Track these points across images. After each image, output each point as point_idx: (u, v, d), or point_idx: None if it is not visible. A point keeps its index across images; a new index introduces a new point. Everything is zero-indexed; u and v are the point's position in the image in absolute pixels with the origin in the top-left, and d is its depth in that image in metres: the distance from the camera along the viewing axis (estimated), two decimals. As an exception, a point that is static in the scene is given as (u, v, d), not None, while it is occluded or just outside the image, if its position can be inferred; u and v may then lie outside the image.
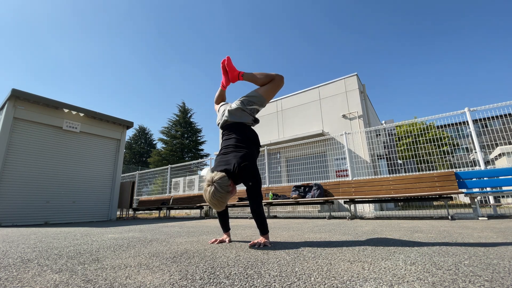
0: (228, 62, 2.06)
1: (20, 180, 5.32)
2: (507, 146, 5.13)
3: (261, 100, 1.97)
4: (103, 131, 6.88)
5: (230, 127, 1.97)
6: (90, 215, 6.31)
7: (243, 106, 1.96)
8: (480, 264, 1.09)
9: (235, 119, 1.96)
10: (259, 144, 2.03)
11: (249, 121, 2.00)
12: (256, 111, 2.02)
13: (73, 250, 1.71)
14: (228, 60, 2.06)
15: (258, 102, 1.97)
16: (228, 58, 2.07)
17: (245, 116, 1.97)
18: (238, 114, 1.96)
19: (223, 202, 1.64)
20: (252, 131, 2.00)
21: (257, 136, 2.01)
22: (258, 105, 1.98)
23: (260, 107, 2.01)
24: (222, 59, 2.12)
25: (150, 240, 2.18)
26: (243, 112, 1.96)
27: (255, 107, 1.98)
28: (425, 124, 8.23)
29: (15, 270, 1.19)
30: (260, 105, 1.99)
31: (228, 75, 2.10)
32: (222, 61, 2.10)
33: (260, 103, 1.98)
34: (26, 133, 5.55)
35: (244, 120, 1.97)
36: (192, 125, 27.23)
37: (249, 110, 1.97)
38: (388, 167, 7.33)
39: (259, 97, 1.96)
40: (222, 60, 2.10)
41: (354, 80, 9.52)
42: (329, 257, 1.31)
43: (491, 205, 4.53)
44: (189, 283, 0.94)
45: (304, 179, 7.08)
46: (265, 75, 1.96)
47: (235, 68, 2.06)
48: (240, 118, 1.96)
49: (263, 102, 1.98)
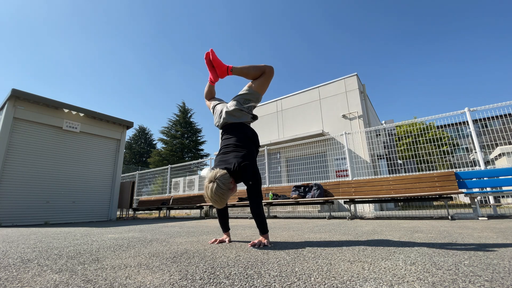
0: (213, 56, 1.96)
1: (20, 180, 5.32)
2: (507, 146, 5.13)
3: (256, 96, 1.96)
4: (103, 131, 6.88)
5: (230, 127, 1.98)
6: (90, 215, 6.31)
7: (240, 106, 1.95)
8: (480, 264, 1.09)
9: (234, 119, 1.97)
10: (259, 143, 2.03)
11: (248, 119, 2.00)
12: (253, 107, 2.02)
13: (73, 250, 1.71)
14: (212, 54, 1.96)
15: (253, 98, 1.97)
16: (211, 52, 1.96)
17: (244, 116, 1.97)
18: (237, 115, 1.96)
19: (224, 199, 1.64)
20: (252, 130, 2.00)
21: (256, 135, 2.01)
22: (254, 102, 1.98)
23: (256, 103, 2.01)
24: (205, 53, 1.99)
25: (150, 240, 2.18)
26: (241, 112, 1.96)
27: (252, 104, 1.98)
28: (425, 124, 8.23)
29: (15, 270, 1.19)
30: (256, 101, 1.99)
31: (215, 70, 2.02)
32: (206, 54, 1.98)
33: (256, 99, 1.97)
34: (26, 133, 5.55)
35: (243, 119, 1.97)
36: (192, 125, 27.22)
37: (246, 108, 1.97)
38: (388, 167, 7.33)
39: (254, 94, 1.95)
40: (206, 54, 1.98)
41: (354, 80, 9.52)
42: (329, 257, 1.31)
43: (491, 205, 4.53)
44: (189, 283, 0.94)
45: (304, 179, 7.08)
46: (255, 67, 1.92)
47: (222, 62, 1.97)
48: (239, 118, 1.97)
49: (258, 97, 1.97)
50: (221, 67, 1.97)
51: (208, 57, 1.99)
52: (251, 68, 1.92)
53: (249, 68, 1.92)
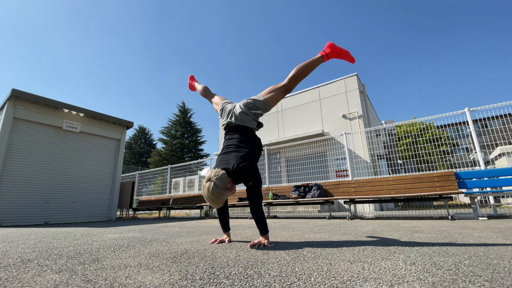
0: (337, 48, 2.00)
1: (20, 180, 5.32)
2: (507, 146, 5.13)
3: (266, 106, 1.97)
4: (103, 131, 6.87)
5: (233, 128, 1.98)
6: (90, 215, 6.30)
7: (247, 110, 1.96)
8: (480, 264, 1.09)
9: (239, 122, 1.97)
10: (261, 147, 2.03)
11: (253, 126, 2.00)
12: (260, 115, 2.03)
13: (73, 250, 1.71)
14: (334, 46, 2.00)
15: (262, 107, 1.98)
16: (333, 45, 2.00)
17: (249, 121, 1.98)
18: (242, 118, 1.97)
19: (221, 199, 1.64)
20: (255, 134, 2.01)
21: (259, 140, 2.02)
22: (262, 110, 1.99)
23: (264, 112, 2.02)
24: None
25: (150, 240, 2.18)
26: (247, 116, 1.96)
27: (259, 112, 1.99)
28: (425, 124, 8.23)
29: (15, 270, 1.19)
30: (264, 110, 2.00)
31: (345, 57, 2.04)
32: (332, 47, 1.99)
33: (264, 108, 1.98)
34: (26, 133, 5.54)
35: (248, 125, 1.98)
36: (192, 125, 27.22)
37: (252, 114, 1.97)
38: (388, 167, 7.34)
39: (264, 103, 1.96)
40: (332, 46, 1.99)
41: (354, 80, 9.52)
42: (329, 257, 1.31)
43: (491, 205, 4.53)
44: (189, 283, 0.94)
45: (304, 179, 7.08)
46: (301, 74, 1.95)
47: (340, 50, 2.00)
48: (244, 122, 1.97)
49: (267, 108, 1.99)
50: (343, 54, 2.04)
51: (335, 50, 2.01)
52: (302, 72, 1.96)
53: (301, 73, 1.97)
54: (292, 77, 1.93)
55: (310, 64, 1.96)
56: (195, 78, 2.80)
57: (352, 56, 2.05)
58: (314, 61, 1.97)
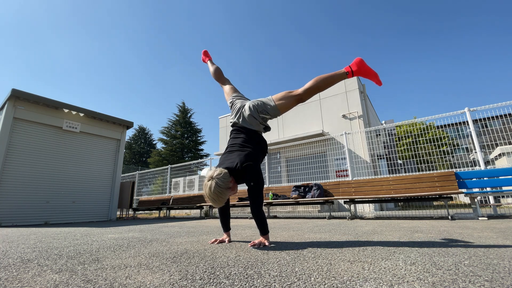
0: (366, 66, 1.84)
1: (20, 180, 5.32)
2: (507, 146, 5.13)
3: (276, 112, 1.93)
4: (103, 131, 6.87)
5: (239, 128, 1.98)
6: (90, 215, 6.30)
7: (255, 114, 1.94)
8: (480, 264, 1.09)
9: (246, 125, 1.96)
10: (266, 149, 2.02)
11: (260, 129, 1.99)
12: (267, 119, 2.01)
13: (73, 250, 1.71)
14: (363, 63, 1.84)
15: (272, 113, 1.94)
16: (361, 61, 1.83)
17: (256, 125, 1.97)
18: (250, 121, 1.96)
19: (222, 198, 1.63)
20: (261, 137, 1.99)
21: (265, 142, 2.01)
22: (271, 116, 1.96)
23: (272, 118, 1.99)
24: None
25: (150, 240, 2.18)
26: (255, 120, 1.95)
27: (268, 117, 1.97)
28: (425, 124, 8.23)
29: (15, 270, 1.19)
30: (273, 116, 1.97)
31: (372, 77, 1.87)
32: (361, 64, 1.83)
33: (274, 114, 1.95)
34: (26, 133, 5.54)
35: (255, 128, 1.97)
36: (192, 125, 27.23)
37: (260, 118, 1.95)
38: (388, 167, 7.33)
39: (274, 109, 1.91)
40: (361, 63, 1.83)
41: (354, 80, 9.52)
42: (329, 257, 1.31)
43: (491, 205, 4.53)
44: (189, 283, 0.94)
45: (304, 179, 7.08)
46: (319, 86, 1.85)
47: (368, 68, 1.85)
48: (251, 125, 1.96)
49: (276, 114, 1.95)
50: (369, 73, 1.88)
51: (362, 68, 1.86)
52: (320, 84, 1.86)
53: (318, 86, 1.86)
54: (309, 89, 1.83)
55: (330, 78, 1.83)
56: (209, 54, 2.61)
57: (380, 79, 1.89)
58: (336, 76, 1.83)
